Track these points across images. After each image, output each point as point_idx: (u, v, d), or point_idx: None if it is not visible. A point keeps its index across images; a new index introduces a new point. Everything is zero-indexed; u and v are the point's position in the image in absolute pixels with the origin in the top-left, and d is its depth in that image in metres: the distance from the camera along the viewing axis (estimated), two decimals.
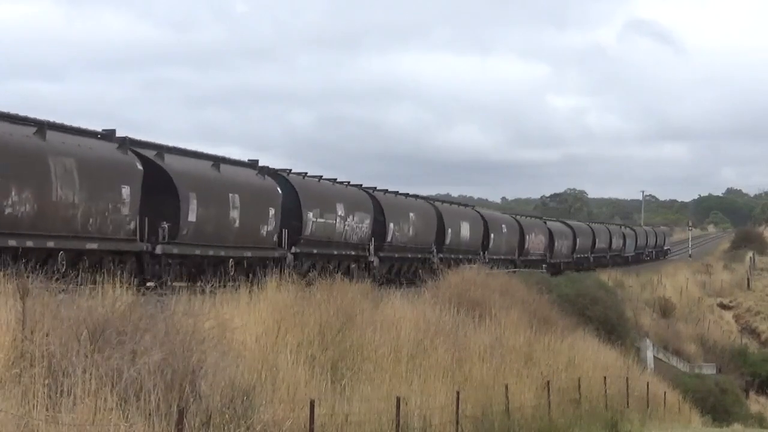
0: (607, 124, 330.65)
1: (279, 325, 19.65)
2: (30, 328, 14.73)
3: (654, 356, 52.28)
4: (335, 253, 42.12)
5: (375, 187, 49.37)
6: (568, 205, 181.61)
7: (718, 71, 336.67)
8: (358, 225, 44.76)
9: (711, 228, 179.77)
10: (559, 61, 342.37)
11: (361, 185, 48.01)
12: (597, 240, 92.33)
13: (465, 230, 59.31)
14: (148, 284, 28.68)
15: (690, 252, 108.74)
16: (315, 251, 40.06)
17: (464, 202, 72.58)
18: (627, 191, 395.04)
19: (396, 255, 49.15)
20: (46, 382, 13.77)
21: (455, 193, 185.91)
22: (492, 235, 63.90)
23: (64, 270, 24.69)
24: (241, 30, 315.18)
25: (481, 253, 60.68)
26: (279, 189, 38.03)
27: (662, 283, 77.15)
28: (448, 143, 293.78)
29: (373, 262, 45.69)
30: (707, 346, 62.92)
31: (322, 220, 40.90)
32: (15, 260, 23.73)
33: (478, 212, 65.68)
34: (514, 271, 52.90)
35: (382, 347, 21.38)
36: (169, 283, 29.40)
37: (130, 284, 18.21)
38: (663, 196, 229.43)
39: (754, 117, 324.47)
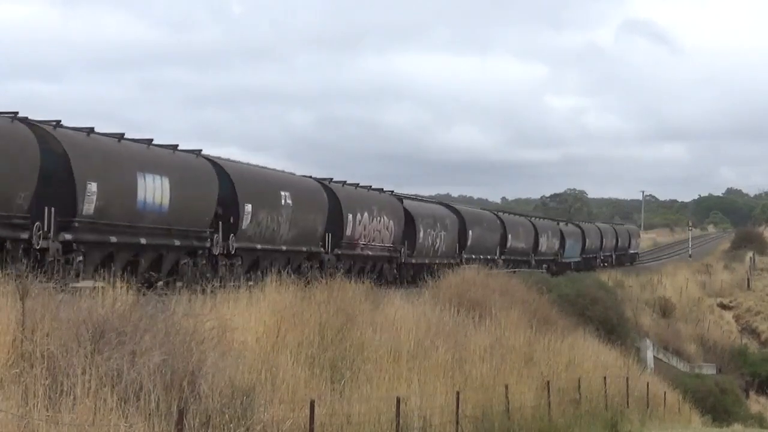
0: (605, 124, 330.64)
1: (279, 325, 19.66)
2: (30, 329, 14.74)
3: (654, 356, 52.28)
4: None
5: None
6: (568, 205, 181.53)
7: (716, 71, 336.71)
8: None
9: (711, 228, 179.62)
10: (557, 61, 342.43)
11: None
12: (510, 238, 68.16)
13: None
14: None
15: (690, 252, 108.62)
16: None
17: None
18: (627, 191, 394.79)
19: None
20: (46, 382, 13.78)
21: (455, 193, 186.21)
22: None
23: None
24: (238, 30, 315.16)
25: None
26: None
27: (662, 283, 77.16)
28: (447, 143, 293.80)
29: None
30: (707, 346, 62.92)
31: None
32: None
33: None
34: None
35: (382, 347, 21.37)
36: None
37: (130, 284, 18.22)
38: (663, 196, 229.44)
39: (754, 117, 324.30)
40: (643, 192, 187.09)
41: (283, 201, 37.84)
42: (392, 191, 51.65)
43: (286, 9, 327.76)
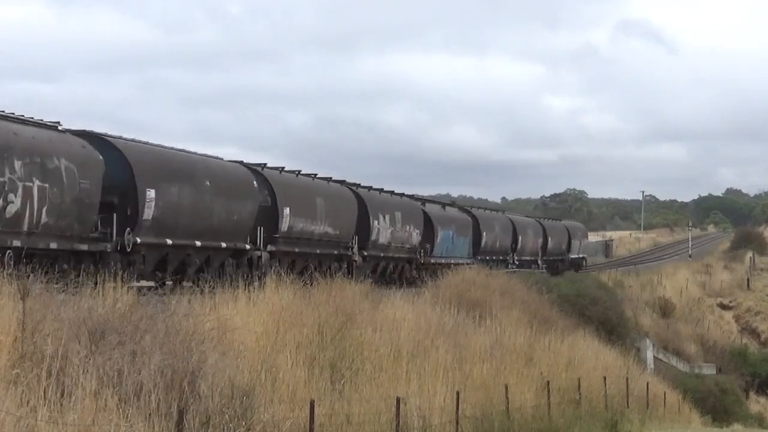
0: (604, 125, 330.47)
1: (278, 325, 19.67)
2: (31, 329, 14.76)
3: (654, 356, 52.35)
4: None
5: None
6: (567, 205, 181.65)
7: (713, 72, 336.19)
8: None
9: (711, 228, 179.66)
10: (554, 61, 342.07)
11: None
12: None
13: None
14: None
15: (690, 252, 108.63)
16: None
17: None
18: (627, 191, 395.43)
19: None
20: (47, 382, 13.80)
21: (455, 193, 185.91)
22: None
23: None
24: (235, 31, 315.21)
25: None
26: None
27: (662, 284, 77.22)
28: (446, 144, 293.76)
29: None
30: (707, 346, 62.99)
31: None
32: None
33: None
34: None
35: (382, 347, 21.39)
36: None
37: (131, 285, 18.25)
38: (663, 196, 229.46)
39: (752, 117, 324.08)
40: (643, 192, 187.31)
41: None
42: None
43: (283, 9, 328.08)
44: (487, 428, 21.87)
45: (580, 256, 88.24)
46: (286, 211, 37.63)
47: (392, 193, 51.18)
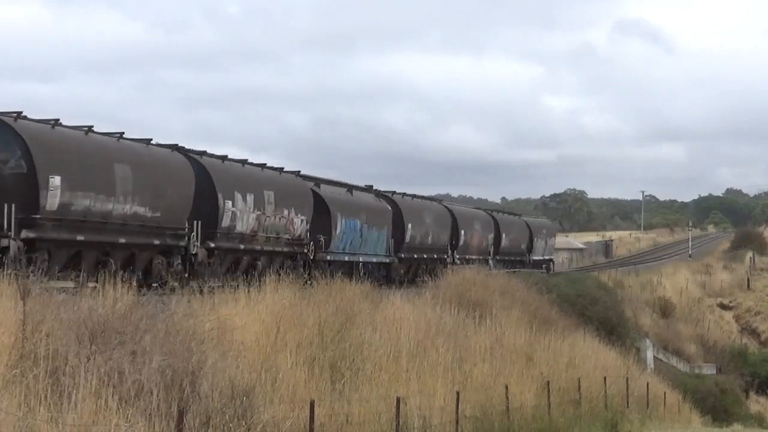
0: (603, 125, 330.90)
1: (278, 325, 19.67)
2: (31, 329, 14.77)
3: (654, 356, 52.32)
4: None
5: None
6: (567, 205, 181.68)
7: (711, 72, 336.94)
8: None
9: (711, 228, 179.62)
10: (552, 61, 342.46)
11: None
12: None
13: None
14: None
15: (690, 252, 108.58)
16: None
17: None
18: (627, 191, 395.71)
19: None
20: (48, 382, 13.81)
21: (455, 193, 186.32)
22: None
23: None
24: (233, 31, 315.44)
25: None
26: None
27: (662, 284, 77.15)
28: (445, 144, 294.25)
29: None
30: (707, 346, 62.94)
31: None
32: None
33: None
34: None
35: (382, 347, 21.39)
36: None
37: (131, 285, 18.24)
38: (663, 196, 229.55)
39: (751, 118, 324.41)
40: (643, 192, 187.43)
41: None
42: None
43: (280, 10, 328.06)
44: (487, 428, 21.87)
45: (546, 257, 75.99)
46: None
47: (264, 167, 38.69)
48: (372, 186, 49.89)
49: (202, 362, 15.25)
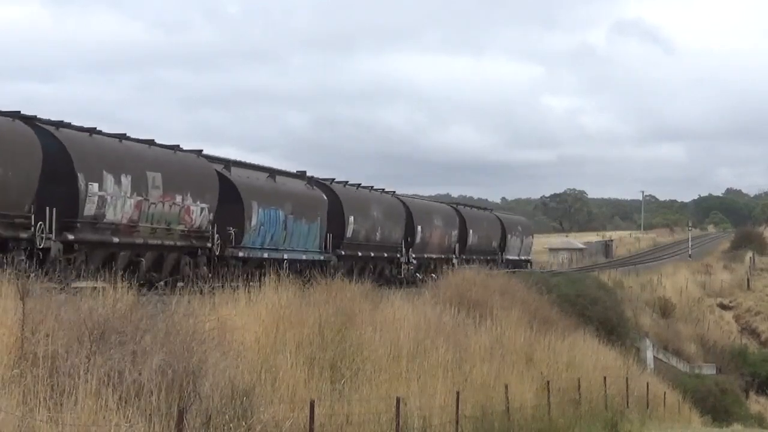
0: (602, 125, 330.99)
1: (278, 325, 19.68)
2: (31, 329, 14.77)
3: (654, 356, 52.30)
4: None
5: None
6: (567, 205, 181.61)
7: (710, 72, 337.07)
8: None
9: (711, 228, 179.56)
10: (552, 62, 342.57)
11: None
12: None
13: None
14: None
15: (690, 252, 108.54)
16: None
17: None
18: (627, 191, 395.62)
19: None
20: (48, 382, 13.81)
21: (455, 193, 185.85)
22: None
23: None
24: (233, 31, 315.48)
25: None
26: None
27: (662, 284, 77.11)
28: (445, 144, 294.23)
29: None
30: (707, 346, 62.91)
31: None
32: None
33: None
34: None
35: (382, 347, 21.39)
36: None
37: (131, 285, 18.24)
38: (663, 196, 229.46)
39: (751, 118, 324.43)
40: (642, 192, 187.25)
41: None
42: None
43: (280, 10, 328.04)
44: (487, 428, 21.87)
45: (522, 258, 70.99)
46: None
47: (152, 143, 32.34)
48: (305, 172, 43.41)
49: (202, 362, 15.25)
